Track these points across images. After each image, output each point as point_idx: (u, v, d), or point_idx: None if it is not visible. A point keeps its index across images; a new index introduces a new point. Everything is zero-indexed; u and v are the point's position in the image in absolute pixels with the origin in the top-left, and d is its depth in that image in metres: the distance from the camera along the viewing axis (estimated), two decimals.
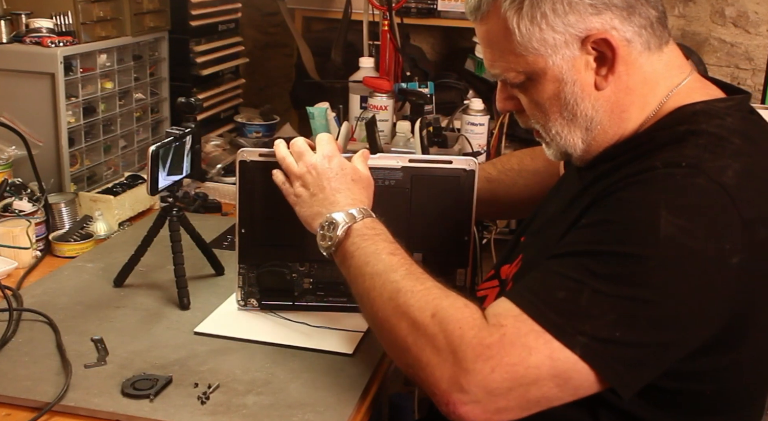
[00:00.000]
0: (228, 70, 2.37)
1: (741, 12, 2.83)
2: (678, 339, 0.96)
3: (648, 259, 0.93)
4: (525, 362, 0.94)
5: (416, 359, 1.00)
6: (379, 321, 1.07)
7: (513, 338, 0.94)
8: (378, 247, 1.12)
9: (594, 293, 0.93)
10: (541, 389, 0.95)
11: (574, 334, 0.93)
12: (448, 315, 0.98)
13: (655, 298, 0.93)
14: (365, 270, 1.10)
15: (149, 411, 1.09)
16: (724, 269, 0.95)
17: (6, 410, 1.10)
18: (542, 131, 1.13)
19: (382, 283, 1.07)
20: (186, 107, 1.42)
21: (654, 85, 1.07)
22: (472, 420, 0.96)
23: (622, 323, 0.93)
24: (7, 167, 1.70)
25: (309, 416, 1.09)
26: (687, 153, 0.98)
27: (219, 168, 2.05)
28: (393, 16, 2.26)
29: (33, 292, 1.43)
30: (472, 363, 0.94)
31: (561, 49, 1.04)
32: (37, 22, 1.74)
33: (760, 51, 2.83)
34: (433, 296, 1.02)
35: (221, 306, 1.39)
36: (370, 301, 1.08)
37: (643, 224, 0.94)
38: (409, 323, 1.01)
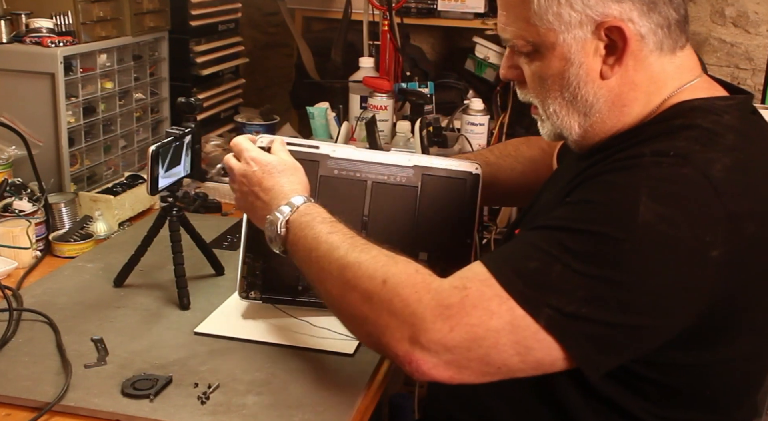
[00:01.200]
0: (228, 70, 2.37)
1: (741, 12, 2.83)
2: (648, 325, 0.95)
3: (623, 241, 0.93)
4: (485, 324, 0.94)
5: (374, 325, 1.00)
6: (333, 299, 1.08)
7: (475, 301, 0.95)
8: (316, 230, 1.13)
9: (565, 268, 0.93)
10: (501, 354, 0.95)
11: (540, 305, 0.93)
12: (401, 281, 0.99)
13: (626, 280, 0.93)
14: (311, 256, 1.11)
15: (149, 411, 1.09)
16: (703, 261, 0.94)
17: (6, 410, 1.10)
18: (540, 107, 1.12)
19: (328, 263, 1.07)
20: (186, 107, 1.42)
21: (661, 85, 1.07)
22: (435, 376, 0.97)
23: (591, 301, 0.93)
24: (7, 167, 1.70)
25: (309, 416, 1.09)
26: (677, 144, 0.98)
27: (219, 168, 2.04)
28: (393, 16, 2.26)
29: (33, 292, 1.43)
30: (431, 323, 0.95)
31: (574, 28, 1.03)
32: (37, 22, 1.74)
33: (760, 51, 2.83)
34: (381, 264, 1.03)
35: (221, 306, 1.39)
36: (322, 283, 1.09)
37: (623, 206, 0.94)
38: (362, 294, 1.02)
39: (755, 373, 1.12)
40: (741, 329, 1.03)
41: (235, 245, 1.67)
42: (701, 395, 1.06)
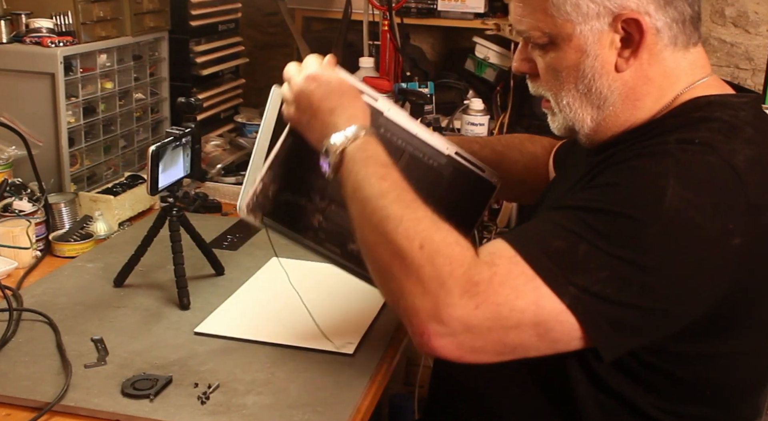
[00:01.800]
0: (228, 70, 2.37)
1: (741, 12, 2.83)
2: (667, 310, 0.96)
3: (649, 225, 0.93)
4: (511, 303, 0.93)
5: (399, 286, 0.98)
6: (366, 245, 1.05)
7: (503, 278, 0.94)
8: (368, 170, 1.08)
9: (591, 247, 0.93)
10: (521, 335, 0.95)
11: (565, 283, 0.93)
12: (438, 249, 0.97)
13: (651, 264, 0.93)
14: (356, 195, 1.07)
15: (149, 411, 1.09)
16: (725, 248, 0.95)
17: (6, 410, 1.10)
18: (552, 100, 1.12)
19: (371, 209, 1.04)
20: (186, 107, 1.42)
21: (674, 80, 1.07)
22: (444, 354, 0.96)
23: (615, 282, 0.93)
24: (7, 167, 1.70)
25: (309, 416, 1.09)
26: (701, 134, 0.99)
27: (219, 168, 2.05)
28: (393, 16, 2.26)
29: (33, 292, 1.43)
30: (458, 298, 0.94)
31: (592, 19, 1.03)
32: (37, 22, 1.74)
33: (760, 51, 2.83)
34: (423, 227, 0.99)
35: (221, 306, 1.40)
36: (360, 225, 1.06)
37: (650, 190, 0.95)
38: (395, 252, 0.99)
39: (762, 370, 1.12)
40: (749, 322, 1.03)
41: (235, 245, 1.67)
42: (707, 388, 1.07)
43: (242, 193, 1.21)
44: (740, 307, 1.01)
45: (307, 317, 1.35)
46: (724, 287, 0.97)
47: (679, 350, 1.02)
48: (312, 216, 1.27)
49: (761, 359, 1.10)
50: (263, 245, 1.68)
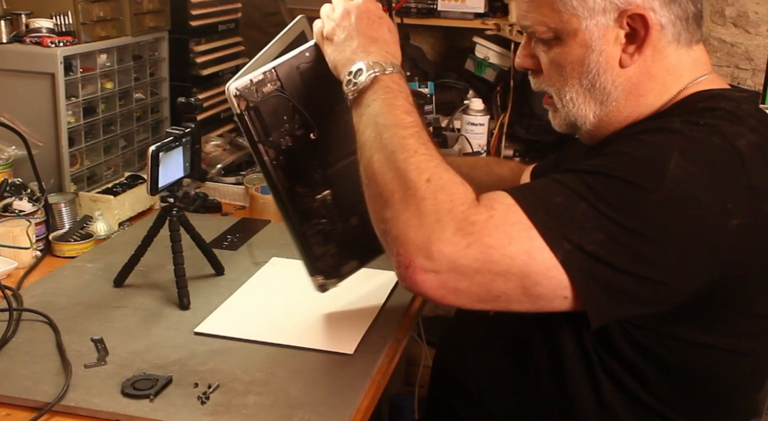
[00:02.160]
0: (228, 70, 2.37)
1: (741, 12, 2.83)
2: (659, 280, 0.96)
3: (649, 193, 0.94)
4: (503, 248, 0.93)
5: (395, 214, 0.98)
6: (371, 170, 1.04)
7: (499, 222, 0.94)
8: (396, 102, 1.09)
9: (590, 207, 0.94)
10: (507, 283, 0.94)
11: (560, 238, 0.93)
12: (444, 185, 0.97)
13: (646, 233, 0.93)
14: (377, 120, 1.07)
15: (149, 411, 1.09)
16: (722, 227, 0.95)
17: (6, 410, 1.10)
18: (555, 96, 1.12)
19: (389, 135, 1.04)
20: (186, 107, 1.42)
21: (678, 76, 1.08)
22: (425, 290, 0.95)
23: (609, 245, 0.93)
24: (7, 167, 1.70)
25: (309, 416, 1.09)
26: (706, 120, 1.00)
27: (219, 168, 2.05)
28: (393, 16, 2.26)
29: (33, 292, 1.43)
30: (451, 235, 0.93)
31: (598, 14, 1.04)
32: (37, 22, 1.74)
33: (760, 51, 2.83)
34: (435, 164, 1.00)
35: (221, 306, 1.39)
36: (370, 149, 1.05)
37: (654, 160, 0.96)
38: (403, 180, 0.99)
39: (758, 366, 1.12)
40: (747, 317, 1.04)
41: (235, 245, 1.67)
42: (705, 381, 1.07)
43: (237, 76, 1.19)
44: (734, 294, 1.01)
45: (307, 317, 1.35)
46: (717, 268, 0.97)
47: (675, 334, 1.02)
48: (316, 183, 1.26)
49: (760, 357, 1.10)
50: (263, 244, 1.68)
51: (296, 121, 1.22)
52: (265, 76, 1.18)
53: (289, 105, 1.20)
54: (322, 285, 1.31)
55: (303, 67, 1.22)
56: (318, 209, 1.27)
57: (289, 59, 1.21)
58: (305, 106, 1.22)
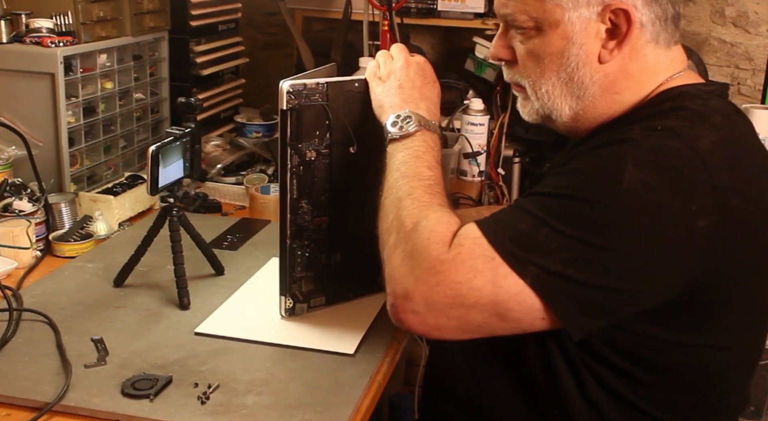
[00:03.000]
0: (228, 70, 2.37)
1: (741, 12, 2.83)
2: (630, 289, 0.97)
3: (607, 207, 0.94)
4: (469, 282, 0.96)
5: (389, 255, 1.05)
6: (383, 212, 1.12)
7: (465, 257, 0.97)
8: (425, 156, 1.16)
9: (552, 230, 0.95)
10: (482, 314, 0.97)
11: (526, 263, 0.95)
12: (427, 225, 1.02)
13: (609, 245, 0.94)
14: (401, 168, 1.15)
15: (149, 411, 1.09)
16: (689, 229, 0.95)
17: (6, 410, 1.10)
18: (529, 88, 1.13)
19: (404, 183, 1.12)
20: (186, 107, 1.42)
21: (654, 75, 1.08)
22: (410, 327, 1.00)
23: (575, 263, 0.94)
24: (7, 167, 1.70)
25: (309, 416, 1.09)
26: (666, 122, 1.01)
27: (219, 168, 2.05)
28: (393, 16, 2.25)
29: (33, 292, 1.43)
30: (423, 274, 0.97)
31: (582, 6, 1.04)
32: (37, 22, 1.74)
33: (760, 51, 2.83)
34: (429, 209, 1.06)
35: (221, 306, 1.39)
36: (387, 193, 1.13)
37: (608, 173, 0.96)
38: (398, 224, 1.06)
39: (744, 359, 1.12)
40: (724, 310, 1.03)
41: (235, 245, 1.67)
42: (690, 379, 1.07)
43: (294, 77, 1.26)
44: (714, 293, 1.01)
45: (307, 316, 1.35)
46: (694, 269, 0.97)
47: (656, 335, 1.02)
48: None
49: (744, 350, 1.10)
50: (263, 245, 1.68)
51: (325, 139, 1.27)
52: (318, 87, 1.24)
53: (325, 122, 1.26)
54: (289, 309, 1.33)
55: (348, 94, 1.28)
56: (311, 232, 1.31)
57: (341, 82, 1.28)
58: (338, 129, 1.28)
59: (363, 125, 1.29)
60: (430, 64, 1.31)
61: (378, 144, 1.32)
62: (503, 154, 2.32)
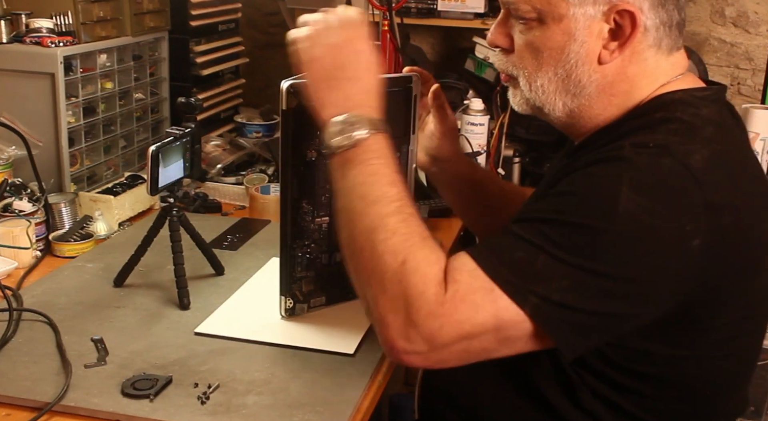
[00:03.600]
0: (228, 70, 2.37)
1: (741, 12, 2.83)
2: (630, 312, 0.97)
3: (603, 232, 0.93)
4: (472, 319, 0.94)
5: (374, 296, 0.99)
6: (352, 247, 1.04)
7: (463, 295, 0.95)
8: (381, 170, 1.04)
9: (550, 258, 0.94)
10: (483, 342, 0.96)
11: (525, 292, 0.94)
12: (417, 267, 0.97)
13: (610, 271, 0.93)
14: (359, 189, 1.04)
15: (149, 411, 1.09)
16: (684, 250, 0.94)
17: (6, 410, 1.10)
18: (523, 79, 1.10)
19: (369, 212, 1.02)
20: (186, 107, 1.42)
21: (653, 80, 1.07)
22: (413, 365, 0.98)
23: (575, 290, 0.94)
24: (7, 167, 1.70)
25: (309, 416, 1.09)
26: (657, 137, 0.98)
27: (219, 168, 2.05)
28: (393, 16, 2.25)
29: (33, 292, 1.43)
30: (424, 319, 0.95)
31: (588, 4, 1.02)
32: (37, 22, 1.74)
33: (760, 51, 2.83)
34: (411, 243, 0.99)
35: (221, 306, 1.39)
36: (352, 223, 1.04)
37: (603, 197, 0.95)
38: (378, 264, 0.99)
39: (738, 366, 1.11)
40: (720, 325, 1.03)
41: (235, 245, 1.67)
42: (684, 388, 1.07)
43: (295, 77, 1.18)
44: (708, 310, 1.00)
45: (307, 316, 1.35)
46: (687, 288, 0.97)
47: (648, 349, 1.02)
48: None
49: (738, 357, 1.10)
50: (263, 245, 1.68)
51: None
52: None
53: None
54: (289, 309, 1.33)
55: None
56: (312, 232, 1.31)
57: None
58: None
59: None
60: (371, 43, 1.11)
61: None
62: (503, 154, 2.32)
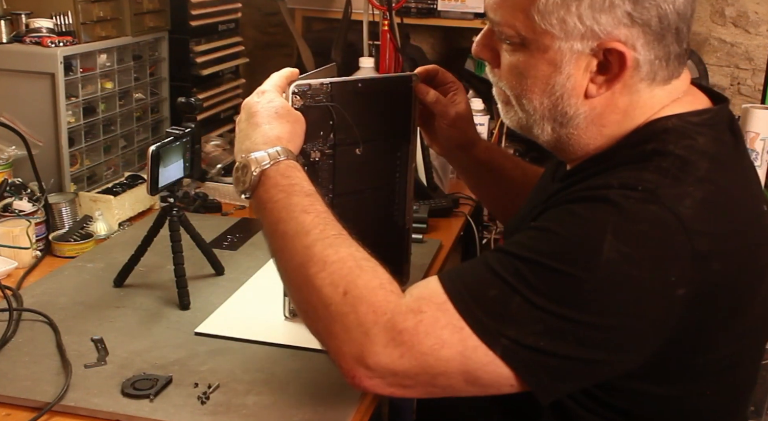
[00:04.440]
0: (228, 70, 2.37)
1: (741, 12, 2.83)
2: (606, 360, 0.93)
3: (584, 281, 0.89)
4: (436, 353, 0.91)
5: (326, 330, 0.97)
6: (290, 286, 1.03)
7: (429, 328, 0.91)
8: (291, 201, 1.03)
9: (525, 301, 0.90)
10: (449, 380, 0.93)
11: (496, 335, 0.91)
12: (361, 296, 0.94)
13: (587, 320, 0.90)
14: (278, 228, 1.03)
15: (149, 411, 1.09)
16: (668, 300, 0.91)
17: (6, 410, 1.10)
18: (513, 98, 1.06)
19: (293, 247, 1.00)
20: (186, 107, 1.42)
21: (647, 110, 1.01)
22: (376, 392, 0.96)
23: (549, 335, 0.90)
24: (7, 167, 1.70)
25: (309, 416, 1.09)
26: (646, 177, 0.93)
27: (219, 168, 2.05)
28: (393, 16, 2.26)
29: (33, 292, 1.43)
30: (383, 347, 0.92)
31: (575, 39, 0.96)
32: (37, 22, 1.74)
33: (760, 51, 2.83)
34: (346, 271, 0.96)
35: (221, 306, 1.39)
36: (283, 263, 1.03)
37: (587, 244, 0.90)
38: (320, 297, 0.97)
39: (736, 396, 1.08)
40: (703, 360, 0.99)
41: (235, 245, 1.67)
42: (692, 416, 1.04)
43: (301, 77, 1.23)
44: (697, 348, 0.97)
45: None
46: (669, 333, 0.94)
47: (632, 388, 0.99)
48: None
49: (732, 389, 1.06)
50: (263, 244, 1.68)
51: (329, 140, 1.26)
52: (322, 87, 1.22)
53: (329, 122, 1.24)
54: (293, 309, 1.33)
55: (351, 94, 1.26)
56: None
57: (344, 82, 1.26)
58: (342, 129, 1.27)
59: (367, 126, 1.28)
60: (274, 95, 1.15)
61: (383, 144, 1.32)
62: None
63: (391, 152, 1.36)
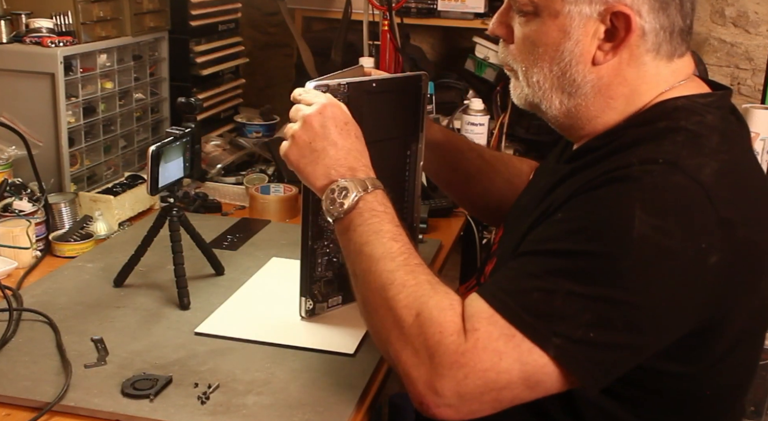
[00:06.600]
0: (228, 70, 2.37)
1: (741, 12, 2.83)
2: (653, 341, 0.95)
3: (621, 259, 0.92)
4: (496, 367, 0.93)
5: (396, 354, 0.99)
6: (368, 307, 1.06)
7: (485, 343, 0.94)
8: (383, 227, 1.07)
9: (568, 294, 0.92)
10: (513, 391, 0.95)
11: (548, 335, 0.92)
12: (431, 317, 0.97)
13: (630, 299, 0.92)
14: (364, 249, 1.06)
15: (149, 411, 1.09)
16: (702, 268, 0.93)
17: (6, 410, 1.10)
18: (521, 73, 1.10)
19: (377, 269, 1.04)
20: (186, 107, 1.42)
21: (653, 85, 1.05)
22: (446, 418, 0.97)
23: (597, 323, 0.92)
24: (7, 167, 1.70)
25: (309, 416, 1.09)
26: (665, 149, 0.96)
27: (219, 168, 2.05)
28: (393, 16, 2.26)
29: (33, 292, 1.43)
30: (447, 369, 0.94)
31: (583, 3, 1.01)
32: (37, 22, 1.74)
33: (760, 51, 2.83)
34: (421, 294, 1.00)
35: (221, 306, 1.39)
36: (364, 284, 1.06)
37: (617, 223, 0.93)
38: (394, 319, 1.00)
39: (743, 378, 1.10)
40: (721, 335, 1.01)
41: (235, 245, 1.67)
42: (694, 401, 1.05)
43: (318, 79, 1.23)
44: (716, 323, 0.99)
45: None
46: (707, 305, 0.96)
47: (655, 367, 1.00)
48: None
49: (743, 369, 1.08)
50: (263, 245, 1.68)
51: None
52: (339, 87, 1.23)
53: None
54: (310, 310, 1.34)
55: (366, 94, 1.27)
56: (331, 233, 1.31)
57: (360, 82, 1.27)
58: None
59: (380, 125, 1.28)
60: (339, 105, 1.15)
61: (394, 143, 1.32)
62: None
63: (402, 151, 1.36)
